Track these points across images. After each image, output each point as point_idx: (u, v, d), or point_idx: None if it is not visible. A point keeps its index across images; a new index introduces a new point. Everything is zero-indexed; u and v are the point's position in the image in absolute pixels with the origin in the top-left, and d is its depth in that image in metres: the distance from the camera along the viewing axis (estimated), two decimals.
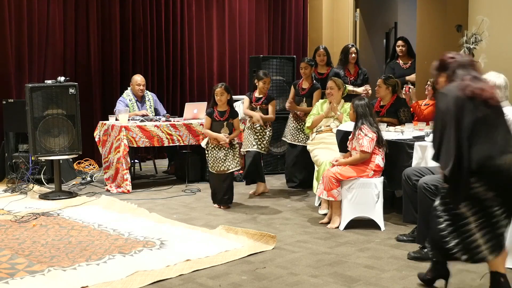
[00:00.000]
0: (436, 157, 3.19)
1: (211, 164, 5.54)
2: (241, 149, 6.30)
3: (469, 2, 6.25)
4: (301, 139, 6.27)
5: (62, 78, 6.09)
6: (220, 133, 5.49)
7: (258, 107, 6.07)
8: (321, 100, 6.02)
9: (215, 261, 3.98)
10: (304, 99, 6.32)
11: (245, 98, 6.23)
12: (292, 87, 6.52)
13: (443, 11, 7.02)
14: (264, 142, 6.06)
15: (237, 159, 5.57)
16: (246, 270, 3.83)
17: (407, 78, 6.96)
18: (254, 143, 6.05)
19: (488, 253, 3.12)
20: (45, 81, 6.17)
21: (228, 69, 9.36)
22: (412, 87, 6.69)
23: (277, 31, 10.01)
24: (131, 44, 8.17)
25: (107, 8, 7.97)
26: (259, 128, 6.05)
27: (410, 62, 7.14)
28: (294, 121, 6.36)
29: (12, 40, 7.11)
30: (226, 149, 5.48)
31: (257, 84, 6.10)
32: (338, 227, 4.81)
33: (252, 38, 9.61)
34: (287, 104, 6.42)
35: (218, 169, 5.49)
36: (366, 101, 4.99)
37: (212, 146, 5.53)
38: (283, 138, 6.54)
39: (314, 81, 6.39)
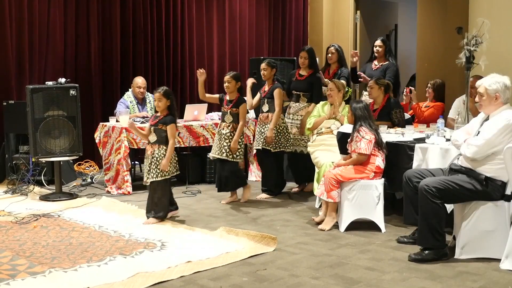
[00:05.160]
0: None
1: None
2: (209, 154, 5.92)
3: (469, 4, 6.26)
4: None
5: (63, 80, 6.10)
6: (149, 137, 5.06)
7: (228, 111, 5.71)
8: (322, 102, 6.01)
9: (216, 262, 3.98)
10: (266, 100, 6.04)
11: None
12: (258, 92, 6.22)
13: (443, 14, 7.05)
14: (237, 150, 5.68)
15: (160, 169, 4.96)
16: (247, 271, 3.83)
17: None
18: (223, 151, 5.63)
19: None
20: (46, 82, 6.18)
21: (229, 71, 9.33)
22: (412, 88, 6.70)
23: (277, 33, 10.00)
24: (131, 46, 8.17)
25: (107, 9, 7.97)
26: (229, 134, 5.65)
27: (380, 64, 6.53)
28: (259, 125, 6.11)
29: (13, 41, 7.11)
30: (149, 157, 5.01)
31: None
32: (329, 230, 4.81)
33: (252, 40, 9.60)
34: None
35: (144, 180, 5.08)
36: (365, 103, 5.00)
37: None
38: (254, 147, 6.21)
39: (276, 81, 6.06)
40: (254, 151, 6.46)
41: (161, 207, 5.05)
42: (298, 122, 6.23)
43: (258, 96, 6.20)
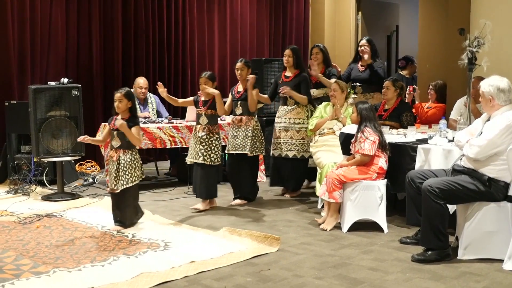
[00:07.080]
0: None
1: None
2: (186, 159, 5.66)
3: (471, 5, 6.27)
4: (245, 145, 5.70)
5: (65, 80, 6.11)
6: (112, 143, 4.81)
7: (203, 112, 5.46)
8: (324, 103, 6.01)
9: (220, 262, 3.98)
10: (239, 103, 5.72)
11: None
12: (230, 93, 5.91)
13: (444, 15, 7.06)
14: (211, 153, 5.42)
15: (129, 175, 4.73)
16: (250, 272, 3.83)
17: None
18: (200, 154, 5.41)
19: None
20: (48, 82, 6.18)
21: (230, 72, 9.37)
22: (416, 87, 6.71)
23: (278, 34, 10.03)
24: (133, 47, 8.19)
25: (109, 10, 7.98)
26: (204, 137, 5.43)
27: (366, 65, 6.44)
28: (232, 128, 5.82)
29: (15, 42, 7.13)
30: (115, 164, 4.73)
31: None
32: (331, 230, 4.82)
33: (253, 41, 9.63)
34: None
35: (111, 187, 4.78)
36: (370, 104, 5.02)
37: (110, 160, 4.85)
38: (226, 151, 5.84)
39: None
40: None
41: (132, 213, 4.89)
42: (287, 125, 6.03)
43: (230, 97, 5.87)
